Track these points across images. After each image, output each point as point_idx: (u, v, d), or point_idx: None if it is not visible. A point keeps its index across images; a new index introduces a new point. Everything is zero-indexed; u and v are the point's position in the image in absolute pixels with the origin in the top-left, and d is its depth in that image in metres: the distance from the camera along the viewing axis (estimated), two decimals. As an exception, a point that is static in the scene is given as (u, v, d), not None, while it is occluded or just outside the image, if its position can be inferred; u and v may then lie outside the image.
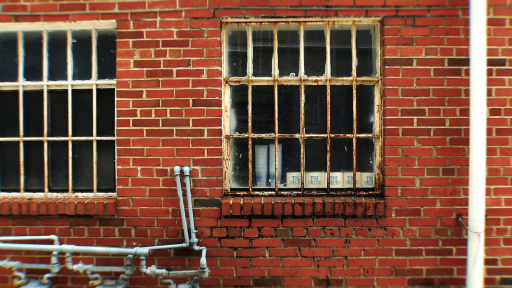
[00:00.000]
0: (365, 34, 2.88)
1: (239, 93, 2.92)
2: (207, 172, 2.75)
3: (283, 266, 2.76)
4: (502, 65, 2.75)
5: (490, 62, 2.74)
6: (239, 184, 2.92)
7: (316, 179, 2.85)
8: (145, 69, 2.76)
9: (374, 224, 2.74)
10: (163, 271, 2.58)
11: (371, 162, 2.88)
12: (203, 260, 2.58)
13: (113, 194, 2.87)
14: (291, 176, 2.87)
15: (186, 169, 2.71)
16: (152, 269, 2.56)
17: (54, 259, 2.62)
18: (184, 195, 2.73)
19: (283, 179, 2.91)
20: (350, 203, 2.69)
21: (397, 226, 2.75)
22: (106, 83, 2.88)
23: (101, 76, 2.91)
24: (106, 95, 2.91)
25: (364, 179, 2.88)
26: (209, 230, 2.76)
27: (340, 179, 2.87)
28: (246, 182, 2.90)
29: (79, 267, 2.59)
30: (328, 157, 2.82)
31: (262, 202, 2.70)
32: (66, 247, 2.59)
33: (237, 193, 2.84)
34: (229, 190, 2.85)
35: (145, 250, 2.59)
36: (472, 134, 2.58)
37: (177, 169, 2.69)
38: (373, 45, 2.87)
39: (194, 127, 2.75)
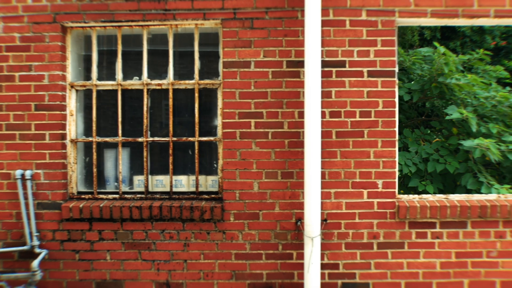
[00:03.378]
0: (213, 37, 2.86)
1: (86, 97, 2.93)
2: (49, 176, 2.77)
3: (124, 269, 2.77)
4: (343, 66, 2.71)
5: (329, 64, 2.70)
6: (87, 188, 2.94)
7: (161, 182, 2.86)
8: (-11, 74, 2.79)
9: (212, 228, 2.73)
10: (-6, 273, 2.62)
11: (215, 165, 2.87)
12: (35, 263, 2.61)
13: (-36, 198, 2.92)
14: (137, 179, 2.88)
15: (28, 172, 2.74)
16: (-17, 272, 2.60)
17: None
18: (26, 198, 2.76)
19: (131, 182, 2.92)
20: (187, 207, 2.69)
21: (236, 230, 2.73)
22: (-42, 88, 2.93)
23: (-46, 81, 2.95)
24: (-41, 100, 2.95)
25: (210, 183, 2.87)
26: (51, 233, 2.79)
27: (185, 183, 2.86)
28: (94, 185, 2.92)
29: None
30: (170, 161, 2.82)
31: (101, 205, 2.71)
32: None
33: (83, 196, 2.86)
34: (75, 193, 2.87)
35: (-22, 253, 2.63)
36: (307, 137, 2.55)
37: (18, 172, 2.72)
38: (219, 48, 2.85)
39: (36, 132, 2.77)
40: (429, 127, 5.93)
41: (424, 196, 2.82)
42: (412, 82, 5.37)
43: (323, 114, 2.70)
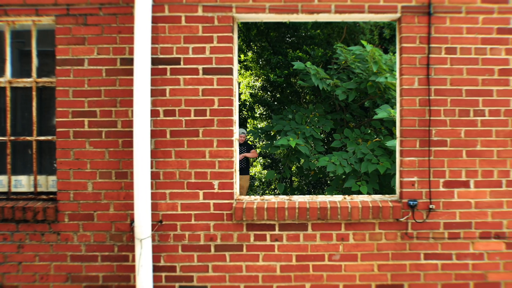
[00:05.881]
0: (53, 34, 2.79)
1: None
2: None
3: (-41, 271, 2.72)
4: (177, 64, 2.63)
5: (164, 61, 2.63)
6: None
7: (1, 182, 2.80)
8: None
9: (47, 229, 2.67)
10: None
11: (55, 165, 2.81)
12: None
13: None
14: (-23, 180, 2.83)
15: None
16: None
17: None
18: None
19: (-28, 183, 2.87)
20: (20, 207, 2.63)
21: (70, 231, 2.67)
22: None
23: None
24: None
25: (51, 183, 2.81)
26: None
27: (26, 183, 2.81)
28: None
29: None
30: (8, 160, 2.76)
31: None
32: None
33: None
34: None
35: None
36: (136, 136, 2.48)
37: None
38: (62, 45, 2.79)
39: None
40: (372, 126, 5.82)
41: (266, 197, 2.74)
42: (351, 81, 5.27)
43: (157, 113, 2.63)
